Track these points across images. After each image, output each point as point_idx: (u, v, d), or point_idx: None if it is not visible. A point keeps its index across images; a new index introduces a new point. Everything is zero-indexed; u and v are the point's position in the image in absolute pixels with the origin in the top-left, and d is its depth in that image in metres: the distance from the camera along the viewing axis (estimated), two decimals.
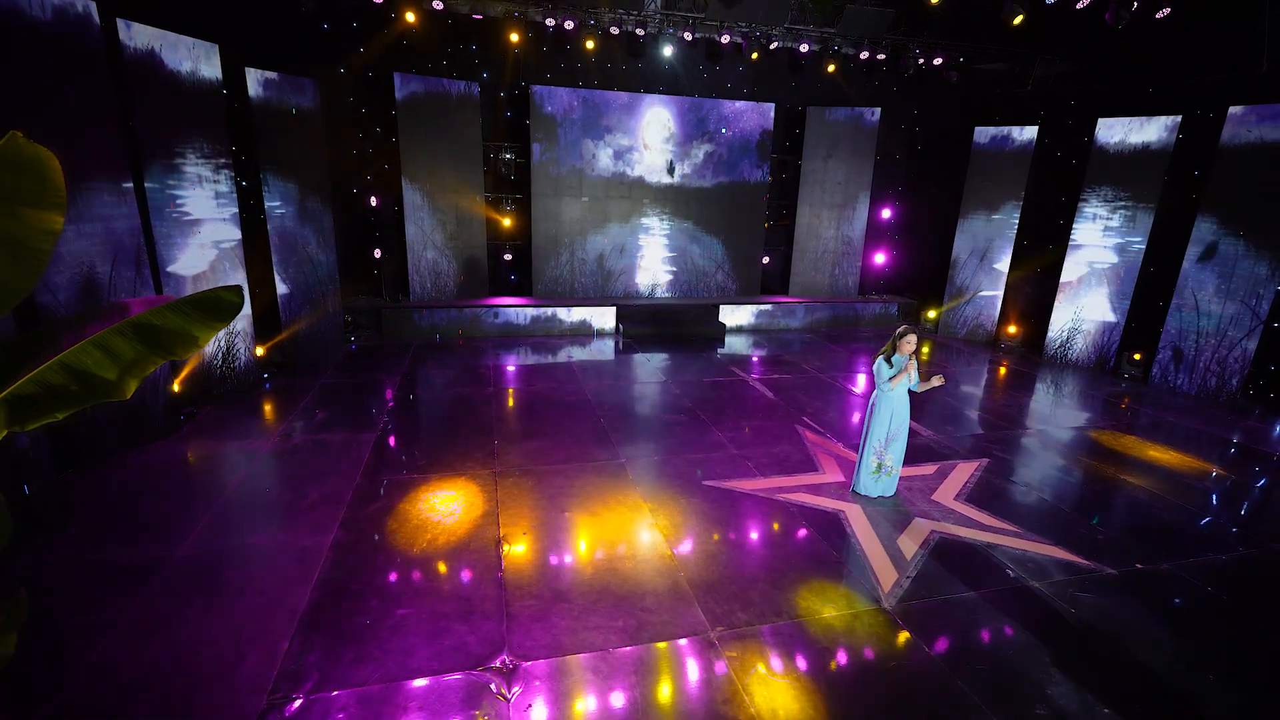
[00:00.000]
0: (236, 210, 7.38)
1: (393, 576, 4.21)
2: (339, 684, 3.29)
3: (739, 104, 11.96)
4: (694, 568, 4.43)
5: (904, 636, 3.82)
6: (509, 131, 11.37)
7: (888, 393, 5.22)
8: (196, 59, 6.71)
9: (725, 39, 10.73)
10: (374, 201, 10.69)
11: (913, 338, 5.17)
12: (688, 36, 10.55)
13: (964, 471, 6.14)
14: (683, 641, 3.71)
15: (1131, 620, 4.04)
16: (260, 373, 7.99)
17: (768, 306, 12.21)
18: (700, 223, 12.35)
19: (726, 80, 11.99)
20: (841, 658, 3.65)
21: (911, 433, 5.82)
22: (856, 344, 11.51)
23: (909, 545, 4.80)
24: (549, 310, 11.23)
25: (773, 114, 12.10)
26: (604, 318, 11.39)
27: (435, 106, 10.47)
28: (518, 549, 4.59)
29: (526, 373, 9.10)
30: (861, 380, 9.16)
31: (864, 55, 11.15)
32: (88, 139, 5.48)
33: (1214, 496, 5.87)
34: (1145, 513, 5.49)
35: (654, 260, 12.33)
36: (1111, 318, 9.76)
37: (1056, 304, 10.31)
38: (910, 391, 5.32)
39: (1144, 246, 9.37)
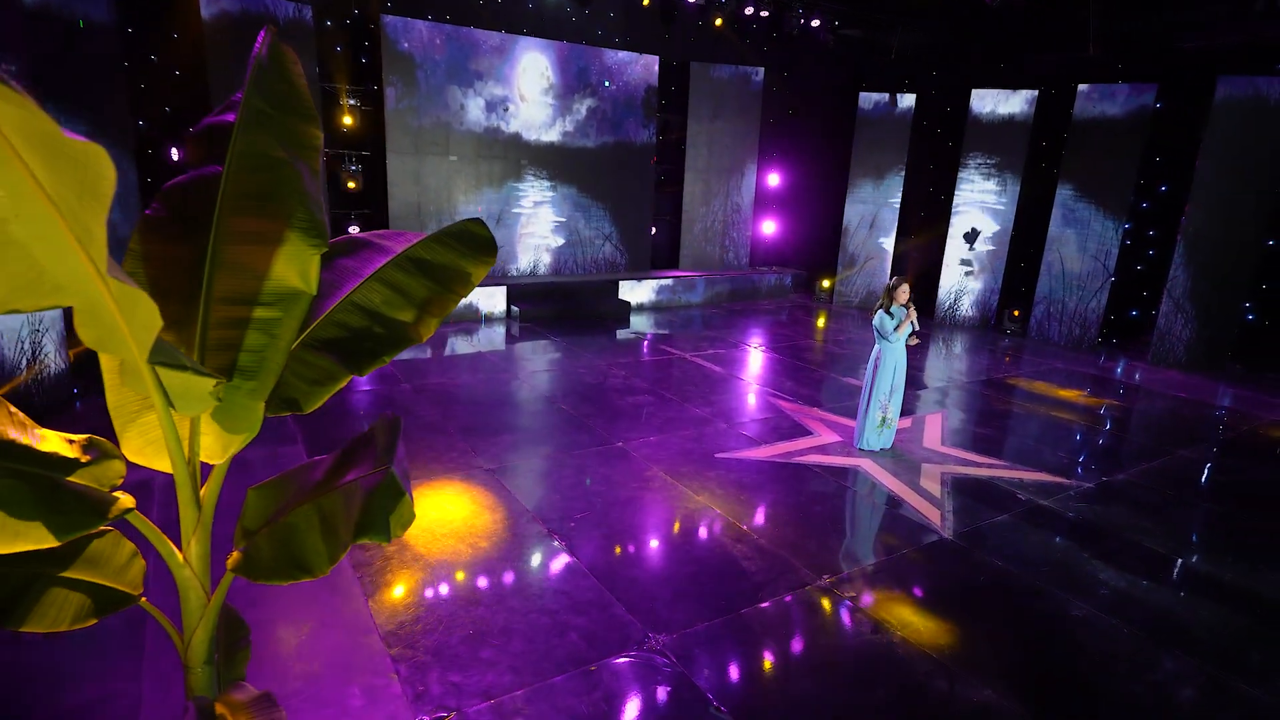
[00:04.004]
0: None
1: (463, 585, 4.25)
2: (490, 693, 3.40)
3: (622, 54, 12.70)
4: (765, 531, 5.10)
5: (975, 556, 4.92)
6: (355, 72, 10.81)
7: (893, 344, 6.38)
8: None
9: None
10: (176, 155, 9.47)
11: (907, 287, 6.39)
12: None
13: (934, 422, 7.62)
14: (803, 590, 4.39)
15: (1124, 518, 5.62)
16: (70, 386, 6.83)
17: (668, 281, 13.18)
18: (586, 189, 12.87)
19: (599, 26, 12.60)
20: (941, 579, 4.63)
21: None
22: (763, 315, 12.99)
23: (932, 486, 6.00)
24: None
25: (657, 67, 13.06)
26: (493, 299, 11.40)
27: (256, 32, 9.58)
28: (578, 540, 4.85)
29: (434, 365, 8.91)
30: (754, 348, 10.52)
31: (748, 11, 12.61)
32: None
33: (1115, 421, 8.09)
34: (1082, 438, 7.41)
35: (535, 231, 12.57)
36: (991, 279, 12.37)
37: (943, 268, 12.75)
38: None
39: (1014, 211, 12.05)
